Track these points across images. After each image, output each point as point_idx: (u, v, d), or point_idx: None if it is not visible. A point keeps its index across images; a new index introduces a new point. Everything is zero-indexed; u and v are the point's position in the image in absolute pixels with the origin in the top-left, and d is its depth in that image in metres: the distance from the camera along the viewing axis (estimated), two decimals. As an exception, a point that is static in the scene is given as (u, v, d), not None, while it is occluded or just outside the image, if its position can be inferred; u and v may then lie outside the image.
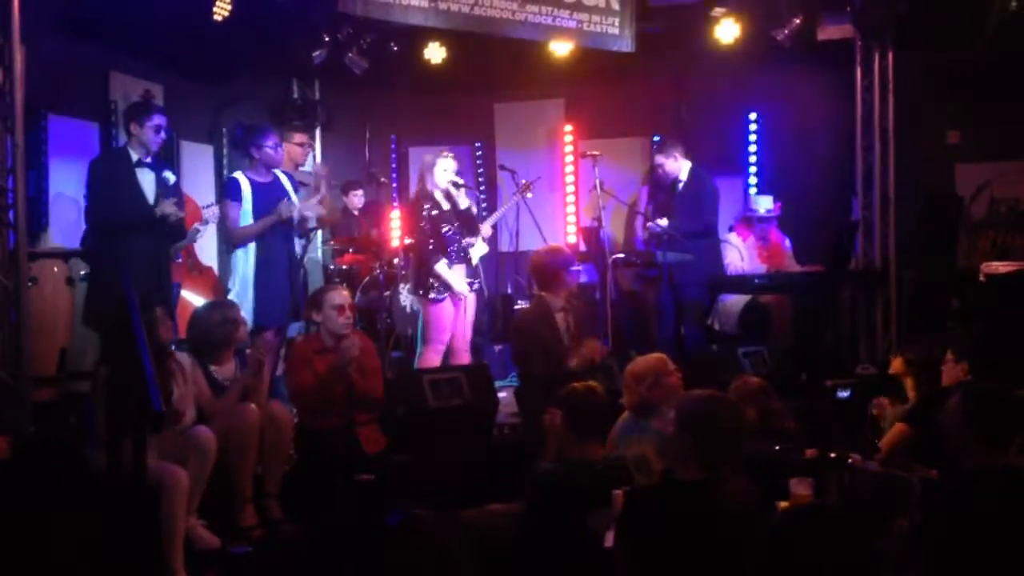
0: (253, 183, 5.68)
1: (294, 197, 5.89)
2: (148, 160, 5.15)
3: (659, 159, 7.12)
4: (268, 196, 5.69)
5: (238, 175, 5.76)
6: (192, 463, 4.10)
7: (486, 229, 6.55)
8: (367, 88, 8.26)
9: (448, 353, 6.09)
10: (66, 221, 6.06)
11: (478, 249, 6.39)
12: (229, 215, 5.67)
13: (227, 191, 5.77)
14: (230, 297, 5.46)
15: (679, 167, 7.05)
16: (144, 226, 5.04)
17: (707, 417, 3.05)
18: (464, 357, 6.12)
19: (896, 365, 4.72)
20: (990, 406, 3.06)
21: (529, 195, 6.87)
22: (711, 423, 3.03)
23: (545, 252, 5.97)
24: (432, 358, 5.95)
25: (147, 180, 5.14)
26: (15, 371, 4.70)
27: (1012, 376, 3.97)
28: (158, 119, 5.14)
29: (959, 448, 3.08)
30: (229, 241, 5.88)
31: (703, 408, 3.08)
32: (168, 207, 5.06)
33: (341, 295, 5.09)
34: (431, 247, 5.94)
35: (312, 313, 5.09)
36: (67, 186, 6.09)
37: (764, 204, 7.38)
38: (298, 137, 6.71)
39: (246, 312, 5.44)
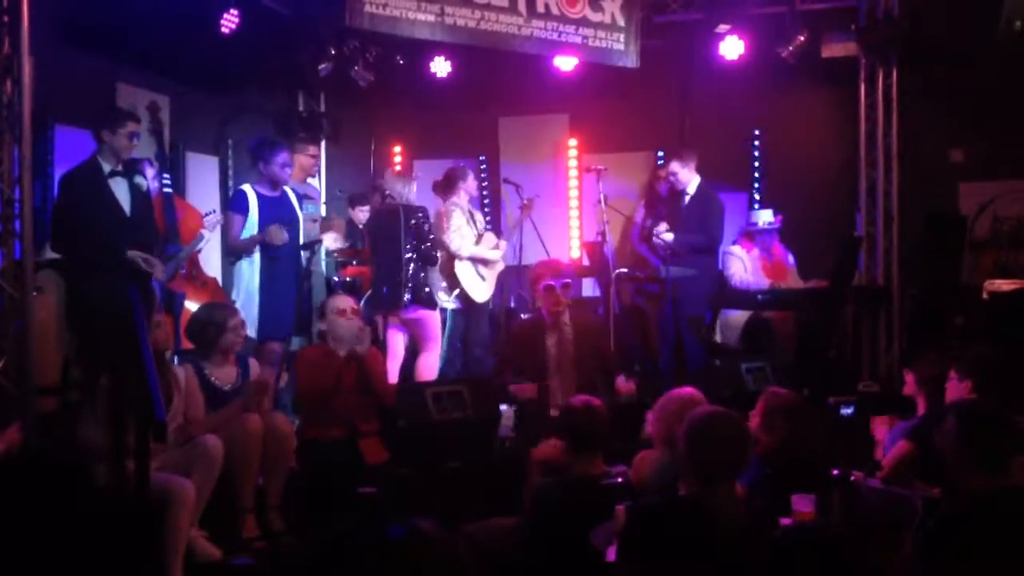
0: (260, 196, 5.71)
1: (299, 213, 5.94)
2: (120, 168, 5.13)
3: (674, 166, 7.10)
4: (274, 210, 5.73)
5: (246, 187, 5.80)
6: (197, 473, 4.10)
7: (503, 247, 6.69)
8: (373, 101, 8.30)
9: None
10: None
11: (495, 266, 6.59)
12: (232, 227, 5.70)
13: (233, 203, 5.79)
14: (234, 308, 5.48)
15: (691, 178, 7.07)
16: (121, 237, 5.03)
17: (705, 434, 3.05)
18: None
19: (909, 383, 4.71)
20: (986, 427, 3.05)
21: (530, 212, 6.99)
22: (709, 440, 3.03)
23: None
24: (434, 363, 6.04)
25: (121, 190, 5.13)
26: (20, 381, 4.70)
27: (1015, 394, 3.97)
28: (132, 127, 5.13)
29: (957, 469, 3.07)
30: (225, 251, 5.91)
31: (702, 425, 3.09)
32: (139, 260, 5.02)
33: (343, 300, 5.13)
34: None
35: (319, 323, 5.14)
36: (73, 196, 6.11)
37: (764, 217, 7.39)
38: (312, 149, 6.75)
39: (250, 324, 5.46)
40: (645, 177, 8.53)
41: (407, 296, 6.05)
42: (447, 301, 6.46)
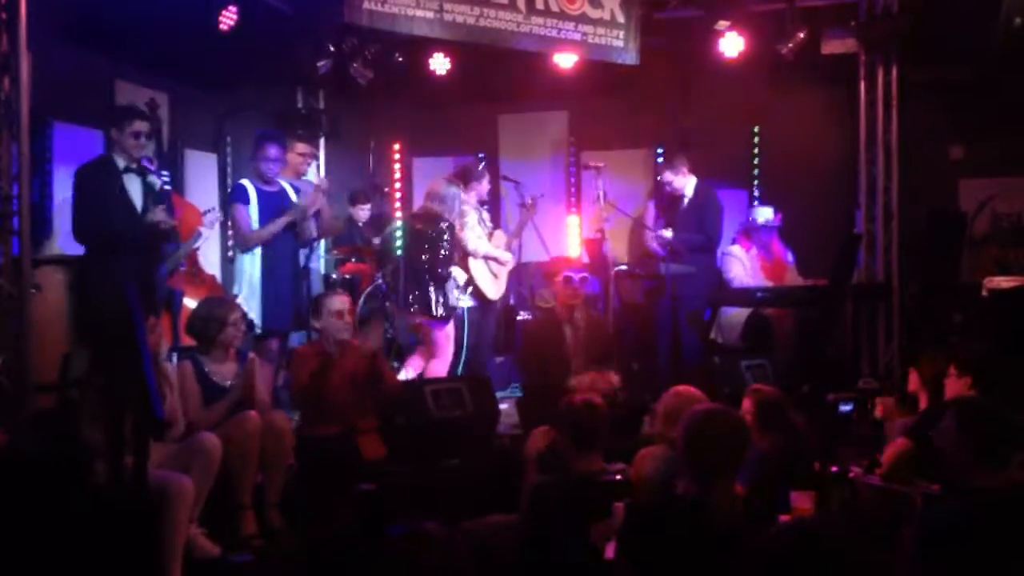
0: (258, 190, 5.75)
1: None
2: (134, 166, 5.15)
3: (667, 176, 7.14)
4: (272, 203, 5.75)
5: (245, 181, 5.83)
6: (196, 470, 4.10)
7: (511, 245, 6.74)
8: (372, 98, 8.28)
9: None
10: (70, 228, 6.07)
11: (507, 265, 6.64)
12: (241, 220, 5.70)
13: (235, 196, 5.80)
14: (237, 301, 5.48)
15: (686, 182, 7.09)
16: (133, 233, 5.05)
17: (703, 432, 3.04)
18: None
19: (913, 381, 4.71)
20: (986, 423, 3.04)
21: (534, 212, 7.02)
22: (706, 438, 3.02)
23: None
24: (440, 369, 6.04)
25: (134, 186, 5.14)
26: (17, 378, 4.70)
27: (1015, 391, 3.96)
28: (139, 125, 5.13)
29: (958, 467, 3.07)
30: (240, 245, 5.84)
31: (699, 423, 3.08)
32: (159, 214, 5.05)
33: (340, 300, 5.12)
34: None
35: (312, 319, 5.12)
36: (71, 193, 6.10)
37: (764, 214, 7.39)
38: (300, 147, 6.74)
39: (252, 317, 5.47)
40: (645, 174, 8.54)
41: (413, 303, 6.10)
42: (463, 299, 6.44)
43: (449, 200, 6.15)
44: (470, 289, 6.47)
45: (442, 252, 6.05)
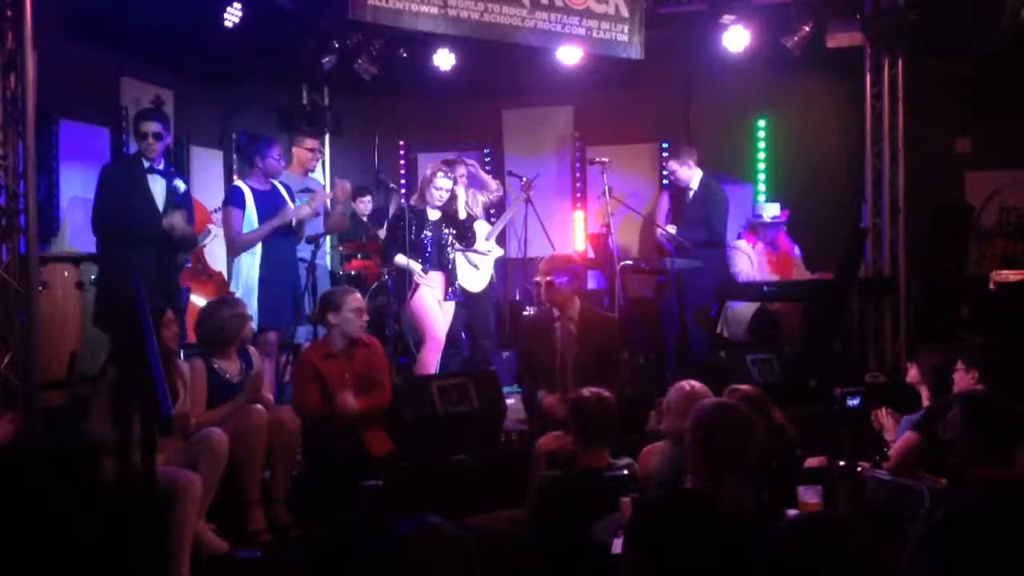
0: (254, 191, 5.78)
1: (291, 205, 5.97)
2: (160, 167, 5.20)
3: (672, 166, 7.18)
4: (267, 204, 5.79)
5: (240, 183, 5.87)
6: (204, 465, 4.11)
7: (494, 236, 6.60)
8: (376, 94, 8.29)
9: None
10: (77, 225, 6.10)
11: (490, 254, 6.47)
12: (232, 223, 5.72)
13: (231, 198, 5.83)
14: (235, 298, 5.50)
15: (691, 174, 7.10)
16: (152, 232, 5.09)
17: (712, 425, 3.04)
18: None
19: (912, 374, 4.70)
20: (992, 416, 3.03)
21: (530, 192, 6.98)
22: (716, 432, 3.02)
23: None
24: (429, 357, 6.02)
25: (157, 187, 5.20)
26: (25, 375, 4.71)
27: (1020, 384, 3.95)
28: (145, 125, 5.20)
29: (964, 461, 3.06)
30: (230, 248, 5.94)
31: (709, 417, 3.07)
32: (177, 219, 5.09)
33: (358, 298, 5.13)
34: (394, 245, 6.07)
35: (328, 315, 5.05)
36: (78, 190, 6.12)
37: (770, 211, 7.38)
38: (309, 142, 6.74)
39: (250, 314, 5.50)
40: (652, 169, 8.53)
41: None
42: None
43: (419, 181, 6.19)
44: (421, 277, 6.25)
45: (396, 233, 6.06)
